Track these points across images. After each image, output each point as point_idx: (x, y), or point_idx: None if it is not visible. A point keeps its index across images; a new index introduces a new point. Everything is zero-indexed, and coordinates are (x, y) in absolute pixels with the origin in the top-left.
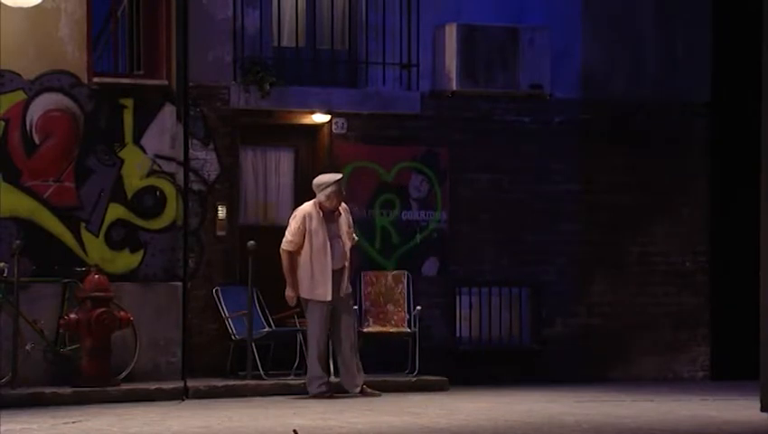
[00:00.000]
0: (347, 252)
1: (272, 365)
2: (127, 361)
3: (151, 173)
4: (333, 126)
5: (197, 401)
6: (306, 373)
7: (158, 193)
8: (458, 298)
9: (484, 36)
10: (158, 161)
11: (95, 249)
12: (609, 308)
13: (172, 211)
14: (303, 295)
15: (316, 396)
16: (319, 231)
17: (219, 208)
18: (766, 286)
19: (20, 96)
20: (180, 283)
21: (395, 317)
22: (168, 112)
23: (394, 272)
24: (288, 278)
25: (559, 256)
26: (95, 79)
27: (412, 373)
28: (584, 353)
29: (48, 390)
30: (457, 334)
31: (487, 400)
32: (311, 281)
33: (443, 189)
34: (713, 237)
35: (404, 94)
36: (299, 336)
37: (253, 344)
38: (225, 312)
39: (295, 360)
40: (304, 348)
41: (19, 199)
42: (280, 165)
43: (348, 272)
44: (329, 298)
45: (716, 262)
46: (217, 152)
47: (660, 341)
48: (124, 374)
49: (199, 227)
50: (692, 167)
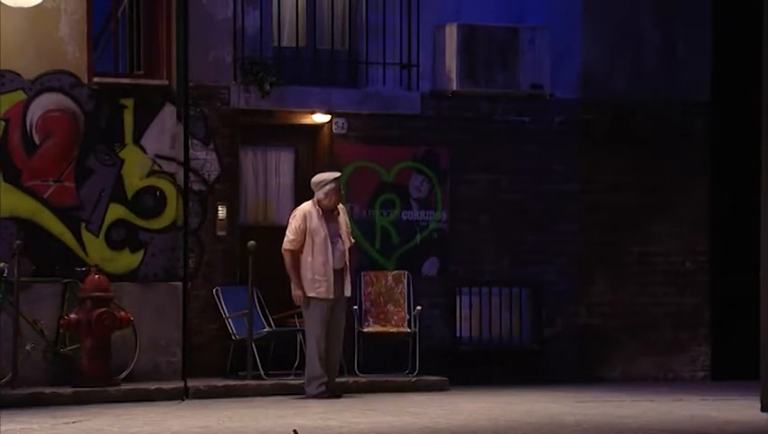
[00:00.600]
0: (346, 252)
1: (272, 365)
2: (127, 361)
3: (151, 173)
4: (334, 126)
5: (197, 401)
6: (305, 373)
7: (158, 193)
8: (458, 298)
9: (484, 36)
10: (158, 161)
11: (95, 249)
12: (609, 308)
13: (172, 211)
14: (306, 293)
15: (316, 396)
16: (319, 230)
17: (219, 208)
18: (766, 286)
19: (20, 96)
20: (180, 283)
21: (395, 317)
22: (168, 112)
23: (394, 272)
24: (293, 278)
25: (559, 256)
26: (95, 79)
27: (412, 373)
28: (584, 353)
29: (48, 390)
30: (457, 334)
31: (487, 400)
32: (313, 279)
33: (443, 189)
34: (713, 237)
35: (404, 94)
36: (299, 336)
37: (253, 344)
38: (225, 312)
39: (295, 360)
40: (304, 348)
41: (19, 199)
42: (280, 165)
43: (348, 273)
44: (332, 296)
45: (716, 262)
46: (217, 152)
47: (660, 341)
48: (124, 374)
49: (199, 227)
50: (692, 167)
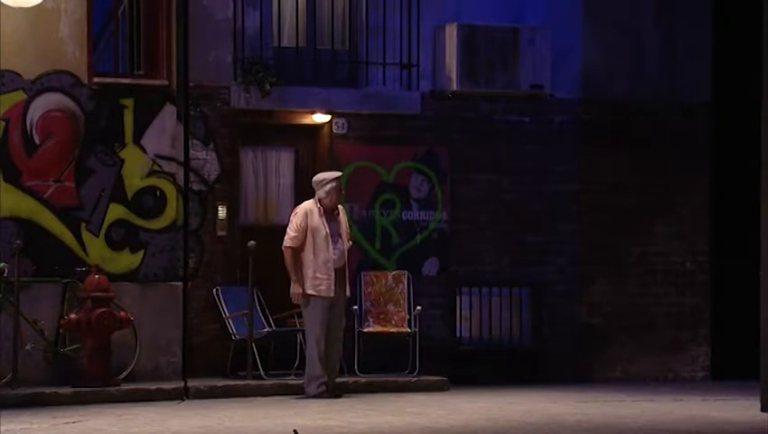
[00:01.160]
0: (346, 252)
1: (272, 365)
2: (128, 361)
3: (151, 173)
4: (334, 126)
5: (197, 401)
6: (305, 373)
7: (158, 193)
8: (458, 298)
9: (485, 36)
10: (158, 161)
11: (95, 249)
12: (609, 308)
13: (172, 211)
14: (306, 291)
15: (316, 396)
16: (320, 228)
17: (219, 208)
18: (766, 286)
19: (20, 96)
20: (180, 283)
21: (395, 317)
22: (168, 112)
23: (394, 272)
24: (293, 275)
25: (559, 256)
26: (95, 79)
27: (412, 373)
28: (584, 353)
29: (48, 390)
30: (457, 334)
31: (487, 400)
32: (314, 276)
33: (443, 189)
34: (713, 237)
35: (404, 94)
36: (299, 336)
37: (253, 344)
38: (225, 312)
39: (295, 360)
40: (304, 348)
41: (19, 199)
42: (280, 165)
43: (348, 273)
44: (332, 295)
45: (716, 262)
46: (217, 152)
47: (660, 341)
48: (124, 374)
49: (199, 227)
50: (692, 167)
